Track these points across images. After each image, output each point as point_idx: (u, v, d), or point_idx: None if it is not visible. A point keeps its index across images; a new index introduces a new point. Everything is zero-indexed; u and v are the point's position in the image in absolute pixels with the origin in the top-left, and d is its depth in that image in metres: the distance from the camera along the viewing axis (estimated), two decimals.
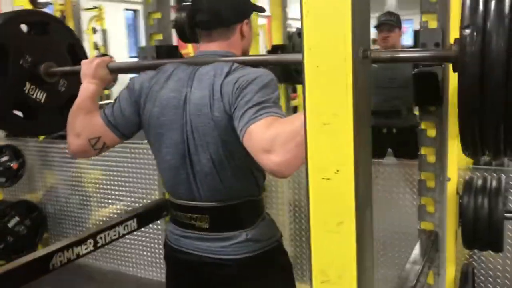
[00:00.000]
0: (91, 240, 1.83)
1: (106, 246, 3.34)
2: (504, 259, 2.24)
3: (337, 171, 0.75)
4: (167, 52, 2.05)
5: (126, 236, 2.05)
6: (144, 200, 3.19)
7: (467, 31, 0.86)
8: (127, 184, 3.31)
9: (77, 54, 1.83)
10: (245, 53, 1.48)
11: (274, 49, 3.16)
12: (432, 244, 1.63)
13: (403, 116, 3.25)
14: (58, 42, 1.74)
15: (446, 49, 1.12)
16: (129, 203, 3.32)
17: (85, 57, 1.87)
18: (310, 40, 0.74)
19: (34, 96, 1.68)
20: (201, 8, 1.39)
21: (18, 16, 1.63)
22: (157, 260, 3.27)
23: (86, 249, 1.81)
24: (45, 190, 3.69)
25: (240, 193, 1.38)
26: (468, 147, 0.99)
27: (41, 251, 1.68)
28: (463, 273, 2.04)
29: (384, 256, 2.46)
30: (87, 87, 1.52)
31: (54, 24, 1.73)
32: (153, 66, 1.51)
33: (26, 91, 1.65)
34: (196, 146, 1.34)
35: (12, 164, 3.51)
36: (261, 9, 1.60)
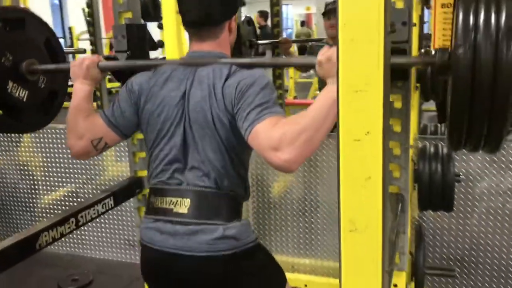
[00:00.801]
0: (73, 219, 1.83)
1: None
2: (450, 218, 2.51)
3: (367, 132, 0.86)
4: (137, 31, 2.06)
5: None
6: (93, 182, 3.19)
7: (461, 49, 0.98)
8: (74, 168, 3.27)
9: (54, 48, 1.80)
10: (231, 45, 1.55)
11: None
12: (399, 205, 1.80)
13: None
14: (35, 37, 1.70)
15: (431, 56, 1.27)
16: (78, 186, 3.29)
17: (62, 51, 1.85)
18: (345, 16, 0.83)
19: (16, 95, 1.65)
20: (190, 8, 1.44)
21: None
22: (114, 241, 3.28)
23: (69, 228, 1.81)
24: None
25: (225, 185, 1.41)
26: (453, 142, 1.14)
27: (26, 232, 1.66)
28: (417, 232, 2.27)
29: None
30: (80, 88, 1.55)
31: (29, 19, 1.69)
32: (143, 67, 1.60)
33: (9, 90, 1.62)
34: (194, 139, 1.40)
35: None
36: (243, 2, 1.66)
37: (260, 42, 4.21)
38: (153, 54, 2.55)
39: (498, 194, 2.42)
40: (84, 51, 5.47)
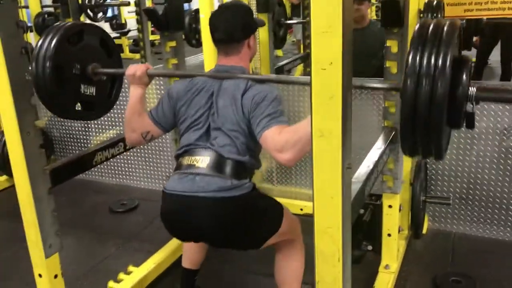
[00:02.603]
0: (121, 143, 2.25)
1: (110, 163, 3.80)
2: (451, 155, 2.78)
3: (331, 63, 1.18)
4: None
5: (129, 152, 2.44)
6: None
7: (407, 83, 1.30)
8: (122, 110, 3.68)
9: (108, 45, 2.10)
10: (251, 59, 1.99)
11: None
12: (391, 136, 2.10)
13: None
14: (92, 41, 2.01)
15: (396, 83, 1.60)
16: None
17: (114, 44, 2.16)
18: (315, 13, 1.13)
19: (88, 93, 2.02)
20: (218, 28, 1.88)
21: (64, 36, 1.86)
22: (157, 173, 3.74)
23: (118, 150, 2.23)
24: (50, 116, 4.03)
25: (239, 157, 1.77)
26: (406, 151, 1.45)
27: (86, 150, 2.09)
28: (417, 164, 2.57)
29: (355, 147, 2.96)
30: (135, 93, 1.96)
31: (86, 29, 2.00)
32: (184, 76, 2.07)
33: (82, 91, 2.00)
34: (218, 131, 1.79)
35: None
36: (262, 23, 2.15)
37: (289, 22, 4.48)
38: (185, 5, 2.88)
39: (495, 133, 2.65)
40: (128, 3, 5.84)
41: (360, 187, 1.61)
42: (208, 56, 2.63)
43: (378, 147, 1.97)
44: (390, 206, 2.30)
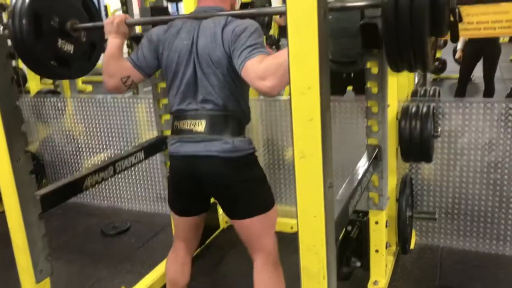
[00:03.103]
0: (111, 167, 2.28)
1: (101, 186, 3.83)
2: (435, 170, 2.84)
3: (309, 88, 1.23)
4: (159, 12, 2.45)
5: (120, 174, 2.46)
6: (129, 147, 3.65)
7: None
8: (113, 134, 3.74)
9: (90, 8, 2.18)
10: (232, 5, 1.96)
11: (244, 6, 3.56)
12: (375, 154, 2.15)
13: (358, 64, 3.77)
14: (74, 1, 2.10)
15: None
16: (116, 150, 3.76)
17: (96, 9, 2.23)
18: (291, 5, 1.20)
19: (65, 49, 2.06)
20: None
21: None
22: (149, 195, 3.76)
23: (108, 173, 2.26)
24: (41, 141, 4.06)
25: (231, 108, 1.83)
26: (392, 64, 1.49)
27: (76, 175, 2.12)
28: (402, 181, 2.63)
29: (342, 165, 3.01)
30: (113, 41, 1.94)
31: None
32: (162, 22, 1.97)
33: (59, 46, 2.03)
34: (201, 75, 1.81)
35: None
36: None
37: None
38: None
39: (477, 148, 2.72)
40: None
41: (344, 204, 1.66)
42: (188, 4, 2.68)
43: (362, 165, 2.03)
44: (376, 223, 2.34)
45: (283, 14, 1.23)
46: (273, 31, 7.33)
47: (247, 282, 2.32)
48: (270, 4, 3.93)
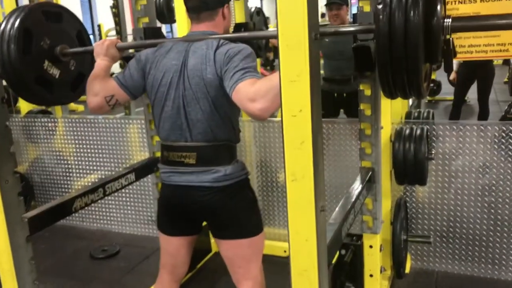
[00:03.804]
0: (101, 189, 2.24)
1: (91, 208, 3.77)
2: (430, 193, 2.82)
3: (300, 110, 1.22)
4: (153, 33, 2.45)
5: (110, 196, 2.41)
6: (121, 168, 3.60)
7: (380, 6, 1.31)
8: (104, 155, 3.70)
9: (84, 39, 2.18)
10: (226, 31, 1.92)
11: (238, 27, 3.57)
12: (369, 176, 2.13)
13: (351, 84, 3.80)
14: (69, 29, 2.10)
15: (370, 25, 1.60)
16: (107, 171, 3.71)
17: (90, 42, 2.22)
18: (283, 28, 1.19)
19: (50, 72, 2.02)
20: None
21: (40, 6, 1.96)
22: (139, 217, 3.70)
23: (97, 195, 2.22)
24: (31, 162, 4.01)
25: (222, 137, 1.80)
26: (385, 90, 1.47)
27: (65, 197, 2.08)
28: (396, 204, 2.60)
29: (336, 188, 2.99)
30: (100, 63, 1.91)
31: (66, 14, 2.09)
32: (153, 45, 1.94)
33: (45, 67, 2.00)
34: (190, 100, 1.76)
35: None
36: None
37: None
38: None
39: (471, 171, 2.71)
40: None
41: (337, 228, 1.63)
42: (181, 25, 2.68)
43: (355, 188, 2.00)
44: (371, 247, 2.31)
45: (275, 38, 1.22)
46: (269, 53, 7.39)
47: None
48: (266, 25, 3.95)
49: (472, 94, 6.22)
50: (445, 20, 1.33)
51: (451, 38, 1.36)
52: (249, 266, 1.89)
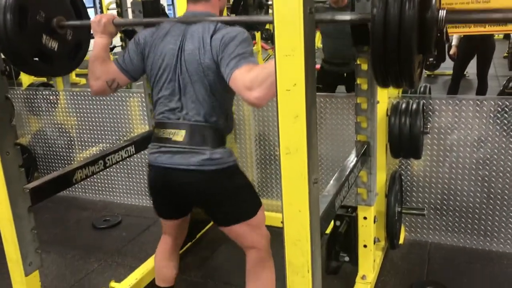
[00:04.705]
0: (101, 161, 2.29)
1: (93, 179, 3.83)
2: (425, 167, 2.86)
3: (294, 84, 1.24)
4: (152, 7, 2.45)
5: (112, 167, 2.45)
6: (121, 140, 3.63)
7: (374, 9, 1.34)
8: (105, 127, 3.74)
9: (78, 6, 2.19)
10: (221, 10, 1.95)
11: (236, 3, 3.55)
12: (364, 150, 2.17)
13: (351, 65, 3.79)
14: None
15: (367, 14, 1.62)
16: (108, 144, 3.76)
17: (84, 8, 2.23)
18: (278, 2, 1.21)
19: (49, 45, 2.05)
20: None
21: None
22: (140, 189, 3.76)
23: (98, 167, 2.27)
24: (33, 134, 4.05)
25: (212, 120, 1.81)
26: (379, 79, 1.50)
27: (66, 169, 2.12)
28: (391, 177, 2.65)
29: (332, 161, 3.04)
30: (99, 41, 1.95)
31: None
32: (150, 23, 1.97)
33: (43, 42, 2.02)
34: (186, 83, 1.79)
35: None
36: None
37: (270, 2, 4.55)
38: None
39: (466, 145, 2.74)
40: None
41: (330, 200, 1.68)
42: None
43: (350, 161, 2.04)
44: (365, 218, 2.36)
45: (271, 23, 1.23)
46: (270, 25, 7.32)
47: (238, 275, 2.34)
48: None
49: (471, 69, 6.20)
50: (440, 12, 1.35)
51: (444, 29, 1.37)
52: (252, 239, 1.96)
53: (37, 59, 2.05)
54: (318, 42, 4.96)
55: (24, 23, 1.93)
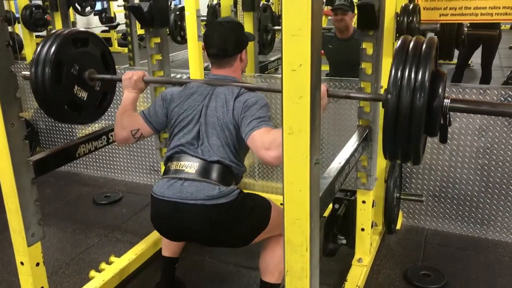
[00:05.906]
0: (104, 137, 2.31)
1: (95, 156, 3.85)
2: (425, 154, 2.87)
3: (300, 65, 1.25)
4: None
5: (114, 144, 2.50)
6: None
7: (389, 95, 1.47)
8: None
9: (107, 59, 2.29)
10: (243, 70, 2.13)
11: None
12: (366, 134, 2.18)
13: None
14: (95, 51, 2.20)
15: (380, 94, 1.72)
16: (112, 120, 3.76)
17: (113, 61, 2.33)
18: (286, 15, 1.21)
19: (80, 96, 2.15)
20: (212, 44, 2.00)
21: (69, 36, 2.05)
22: (142, 166, 3.79)
23: (101, 143, 2.29)
24: (36, 109, 4.06)
25: (225, 163, 1.88)
26: (387, 155, 1.61)
27: (69, 142, 2.14)
28: (391, 163, 2.67)
29: (334, 145, 3.06)
30: (129, 96, 2.09)
31: (91, 38, 2.18)
32: (178, 82, 2.16)
33: (75, 92, 2.12)
34: (205, 134, 1.90)
35: None
36: (252, 38, 2.26)
37: (276, 27, 4.58)
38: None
39: (467, 133, 2.75)
40: None
41: (331, 181, 1.69)
42: (192, 52, 2.70)
43: (351, 145, 2.06)
44: (363, 202, 2.39)
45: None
46: None
47: (236, 254, 2.38)
48: (273, 21, 4.01)
49: (475, 59, 6.17)
50: (445, 100, 1.49)
51: (448, 114, 1.52)
52: (272, 233, 2.03)
53: (68, 108, 2.13)
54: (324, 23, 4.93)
55: (60, 76, 2.03)
